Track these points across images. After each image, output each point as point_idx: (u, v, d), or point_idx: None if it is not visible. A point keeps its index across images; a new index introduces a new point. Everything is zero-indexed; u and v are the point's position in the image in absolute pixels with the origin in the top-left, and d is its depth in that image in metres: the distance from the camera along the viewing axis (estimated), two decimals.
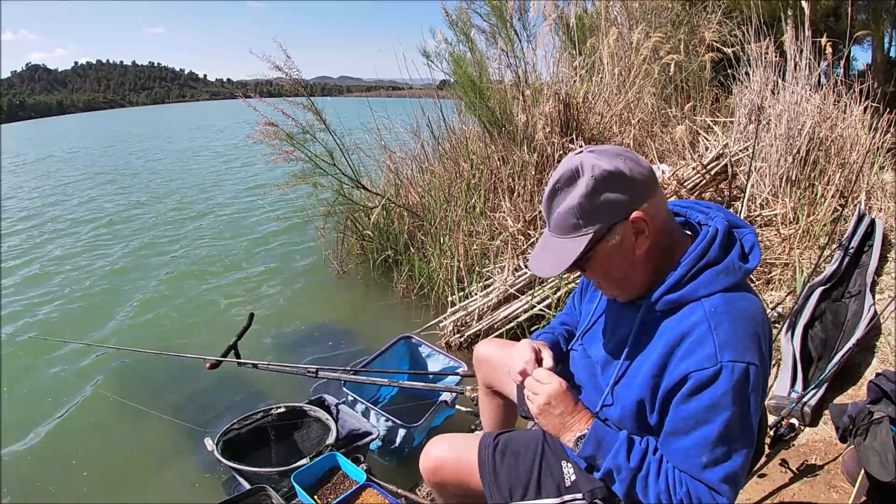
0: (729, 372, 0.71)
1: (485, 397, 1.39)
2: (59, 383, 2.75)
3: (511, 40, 3.79)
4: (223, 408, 2.42)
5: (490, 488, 1.02)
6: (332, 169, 3.61)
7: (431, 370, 2.27)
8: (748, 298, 0.78)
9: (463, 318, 2.77)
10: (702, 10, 4.78)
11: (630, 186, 0.76)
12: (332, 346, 2.96)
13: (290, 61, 3.33)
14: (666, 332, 0.78)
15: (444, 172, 3.73)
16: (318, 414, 1.87)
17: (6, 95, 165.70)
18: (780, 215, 2.99)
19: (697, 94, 4.34)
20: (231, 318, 3.40)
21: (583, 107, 3.70)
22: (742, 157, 3.25)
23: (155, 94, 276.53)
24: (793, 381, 1.88)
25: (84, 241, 5.43)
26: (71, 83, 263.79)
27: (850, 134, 3.34)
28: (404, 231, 3.63)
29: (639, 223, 0.76)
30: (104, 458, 2.18)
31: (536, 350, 0.96)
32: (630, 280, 0.83)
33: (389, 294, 3.54)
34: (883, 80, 4.18)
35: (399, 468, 1.94)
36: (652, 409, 0.80)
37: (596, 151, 0.78)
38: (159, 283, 4.12)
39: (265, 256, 4.64)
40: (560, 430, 0.87)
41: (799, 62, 3.34)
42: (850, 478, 1.44)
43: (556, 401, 0.86)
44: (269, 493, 1.52)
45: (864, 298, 2.25)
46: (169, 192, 7.96)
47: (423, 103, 3.97)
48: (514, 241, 3.08)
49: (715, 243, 0.79)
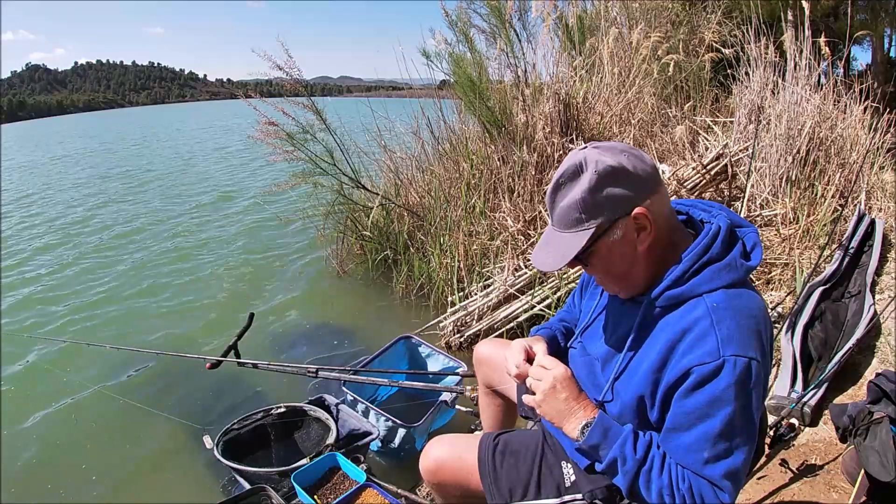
0: (731, 366, 0.71)
1: (485, 397, 1.39)
2: (58, 383, 2.75)
3: (511, 41, 3.79)
4: (223, 408, 2.42)
5: (490, 488, 1.02)
6: (332, 169, 3.61)
7: (431, 370, 2.27)
8: (750, 296, 0.78)
9: (463, 318, 2.77)
10: (701, 11, 4.78)
11: (633, 182, 0.76)
12: (331, 346, 2.96)
13: (292, 61, 3.33)
14: (667, 327, 0.78)
15: (444, 172, 3.73)
16: (318, 414, 1.87)
17: (6, 95, 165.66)
18: (780, 215, 2.99)
19: (697, 94, 4.34)
20: (231, 318, 3.40)
21: (583, 107, 3.70)
22: (742, 157, 3.25)
23: (155, 94, 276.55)
24: (793, 381, 1.88)
25: (84, 242, 5.43)
26: (71, 83, 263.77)
27: (850, 134, 3.34)
28: (404, 231, 3.63)
29: (641, 219, 0.77)
30: (104, 458, 2.18)
31: (527, 348, 0.95)
32: (631, 276, 0.83)
33: (389, 294, 3.54)
34: (883, 80, 4.19)
35: (399, 468, 1.93)
36: (652, 404, 0.80)
37: (600, 147, 0.78)
38: (159, 283, 4.12)
39: (265, 256, 4.64)
40: (564, 416, 0.85)
41: (799, 62, 3.34)
42: (850, 478, 1.44)
43: (561, 385, 0.85)
44: (269, 493, 1.52)
45: (864, 298, 2.25)
46: (170, 192, 7.97)
47: (422, 103, 3.97)
48: (514, 241, 3.09)
49: (717, 240, 0.79)
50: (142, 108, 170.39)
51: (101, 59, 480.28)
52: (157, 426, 2.30)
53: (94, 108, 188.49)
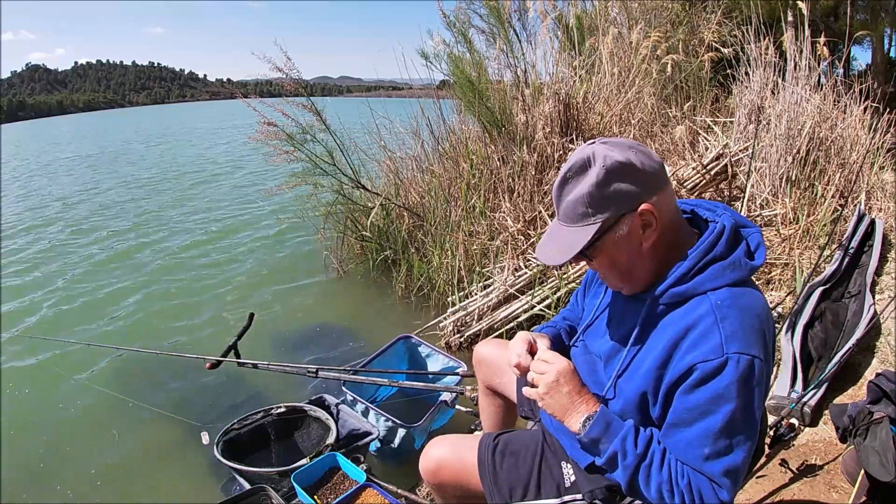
0: (734, 364, 0.71)
1: (485, 398, 1.39)
2: (58, 383, 2.75)
3: (510, 41, 3.79)
4: (223, 408, 2.42)
5: (490, 489, 1.02)
6: (332, 169, 3.61)
7: (431, 370, 2.27)
8: (754, 295, 0.79)
9: (463, 318, 2.77)
10: (701, 11, 4.78)
11: (640, 179, 0.76)
12: (331, 346, 2.96)
13: (290, 62, 3.34)
14: (671, 324, 0.79)
15: (443, 172, 3.73)
16: (318, 414, 1.87)
17: (6, 95, 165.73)
18: (780, 215, 2.99)
19: (697, 94, 4.34)
20: (231, 318, 3.40)
21: (583, 107, 3.70)
22: (742, 157, 3.25)
23: (155, 94, 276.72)
24: (793, 381, 1.88)
25: (85, 242, 5.43)
26: (71, 83, 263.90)
27: (850, 134, 3.34)
28: (404, 231, 3.63)
29: (647, 216, 0.77)
30: (104, 459, 2.18)
31: (530, 341, 0.95)
32: (635, 272, 0.83)
33: (389, 294, 3.54)
34: (883, 80, 4.19)
35: (399, 468, 1.93)
36: (655, 401, 0.80)
37: (608, 143, 0.79)
38: (159, 283, 4.12)
39: (265, 256, 4.64)
40: (566, 410, 0.85)
41: (799, 62, 3.34)
42: (850, 478, 1.44)
43: (564, 378, 0.86)
44: (269, 493, 1.52)
45: (864, 298, 2.25)
46: (174, 190, 7.97)
47: (422, 103, 3.97)
48: (514, 242, 3.09)
49: (722, 239, 0.79)
50: (143, 107, 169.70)
51: (101, 59, 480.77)
52: (158, 426, 2.30)
53: (94, 108, 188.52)
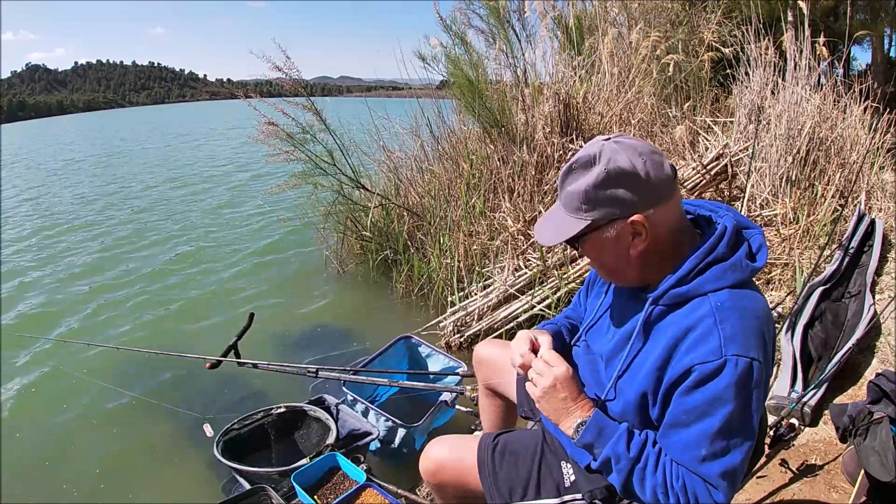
0: (733, 366, 0.71)
1: (485, 398, 1.39)
2: (58, 383, 2.75)
3: (509, 41, 3.78)
4: (223, 408, 2.41)
5: (490, 489, 1.02)
6: (332, 169, 3.61)
7: (431, 370, 2.27)
8: (755, 297, 0.78)
9: (463, 318, 2.77)
10: (701, 11, 4.78)
11: (641, 189, 0.76)
12: (332, 346, 2.96)
13: (290, 62, 3.33)
14: (671, 325, 0.79)
15: (443, 172, 3.73)
16: (318, 414, 1.87)
17: (6, 95, 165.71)
18: (780, 215, 2.99)
19: (697, 94, 4.33)
20: (231, 318, 3.40)
21: (583, 107, 3.69)
22: (742, 157, 3.25)
23: (155, 94, 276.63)
24: (793, 381, 1.88)
25: (84, 242, 5.43)
26: (71, 83, 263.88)
27: (850, 134, 3.34)
28: (404, 231, 3.63)
29: (638, 226, 0.77)
30: (104, 459, 2.18)
31: (533, 339, 0.95)
32: (620, 273, 0.85)
33: (389, 294, 3.54)
34: (883, 80, 4.19)
35: (399, 468, 1.93)
36: (654, 402, 0.80)
37: (622, 143, 0.77)
38: (159, 283, 4.12)
39: (265, 257, 4.63)
40: (560, 415, 0.86)
41: (799, 62, 3.34)
42: (850, 478, 1.45)
43: (561, 385, 0.86)
44: (269, 493, 1.52)
45: (864, 298, 2.25)
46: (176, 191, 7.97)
47: (422, 103, 3.97)
48: (514, 241, 3.09)
49: (723, 240, 0.79)
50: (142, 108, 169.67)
51: (102, 59, 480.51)
52: (158, 426, 2.30)
53: (94, 108, 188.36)
